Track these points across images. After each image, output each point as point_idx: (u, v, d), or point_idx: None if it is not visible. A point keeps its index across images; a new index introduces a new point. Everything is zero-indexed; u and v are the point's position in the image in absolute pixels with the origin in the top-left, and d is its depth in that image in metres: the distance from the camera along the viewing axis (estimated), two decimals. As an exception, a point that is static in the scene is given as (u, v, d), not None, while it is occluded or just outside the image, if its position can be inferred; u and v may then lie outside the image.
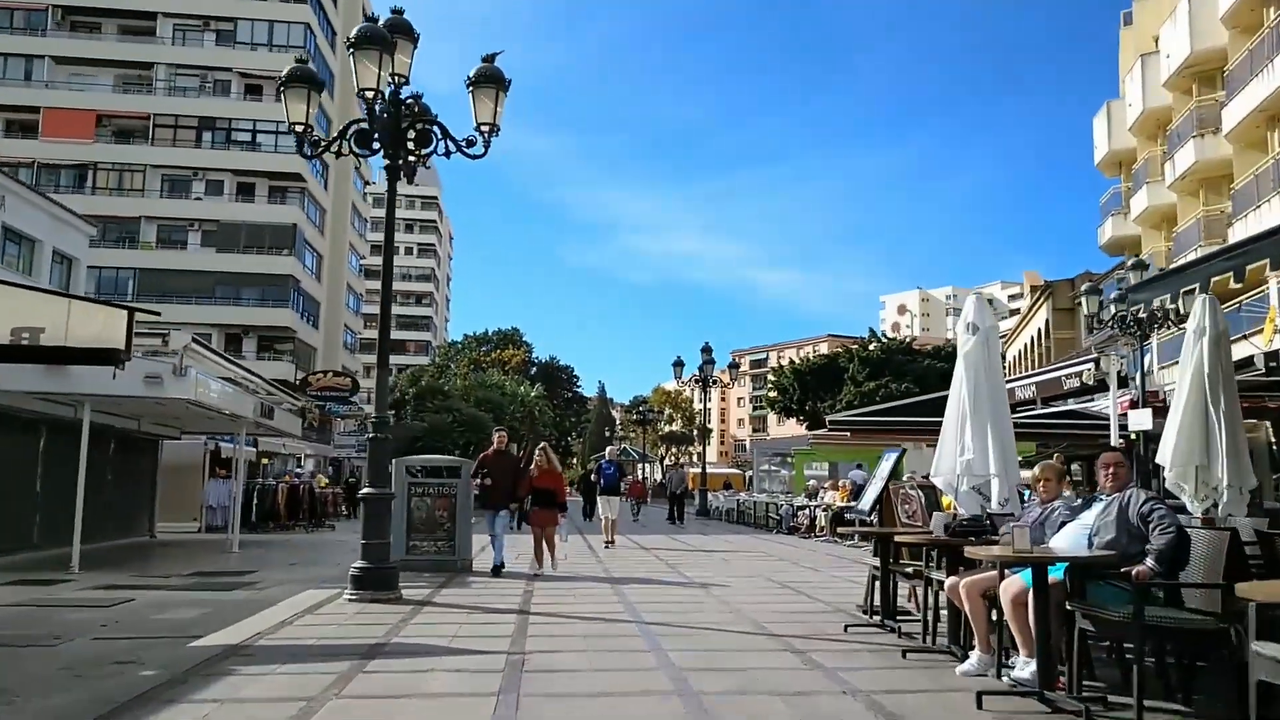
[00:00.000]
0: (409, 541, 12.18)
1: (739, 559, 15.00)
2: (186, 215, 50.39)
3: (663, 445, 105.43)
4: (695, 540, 20.32)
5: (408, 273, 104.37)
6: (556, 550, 12.54)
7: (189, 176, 50.77)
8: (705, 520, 29.18)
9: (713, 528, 25.72)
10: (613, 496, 18.46)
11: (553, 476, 12.46)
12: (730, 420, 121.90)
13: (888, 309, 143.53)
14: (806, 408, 65.02)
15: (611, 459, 19.79)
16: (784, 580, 11.58)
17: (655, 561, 14.56)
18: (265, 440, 25.80)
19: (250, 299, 50.23)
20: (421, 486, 12.23)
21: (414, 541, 12.18)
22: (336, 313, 60.53)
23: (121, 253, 49.37)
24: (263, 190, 51.65)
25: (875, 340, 67.12)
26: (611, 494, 18.43)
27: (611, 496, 18.43)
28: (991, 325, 9.05)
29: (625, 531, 22.75)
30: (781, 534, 22.05)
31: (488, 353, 79.66)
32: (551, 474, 12.42)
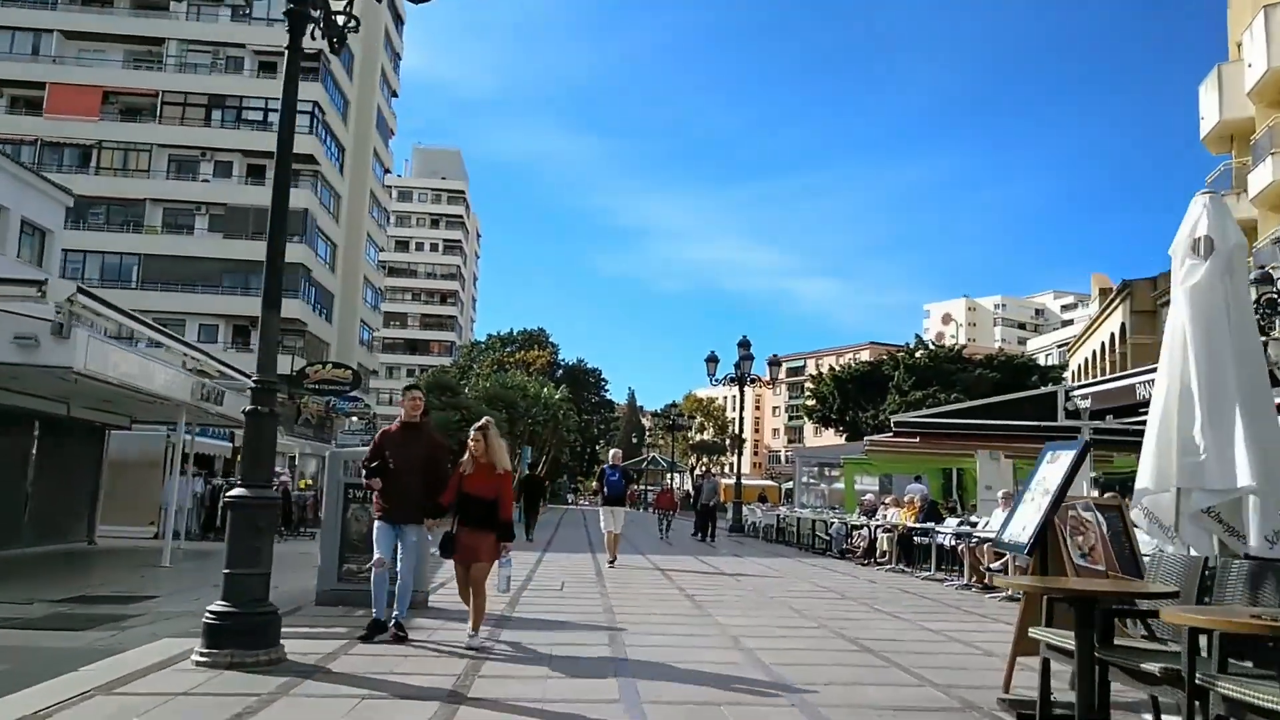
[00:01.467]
0: (344, 565, 8.86)
1: (790, 596, 11.49)
2: (193, 198, 47.72)
3: (692, 454, 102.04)
4: (729, 564, 16.87)
5: (432, 270, 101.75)
6: (498, 596, 8.22)
7: (197, 157, 48.14)
8: (739, 538, 25.65)
9: (748, 547, 22.21)
10: (617, 507, 15.70)
11: (489, 477, 7.43)
12: (764, 430, 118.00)
13: (932, 318, 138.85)
14: (847, 418, 61.70)
15: (616, 465, 16.61)
16: (863, 638, 8.08)
17: (676, 596, 11.11)
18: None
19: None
20: (362, 494, 8.92)
21: (351, 565, 8.85)
22: (352, 306, 57.69)
23: (125, 237, 46.89)
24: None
25: (922, 347, 63.49)
26: (616, 504, 15.69)
27: (616, 507, 15.67)
28: (1237, 245, 5.50)
29: (647, 550, 19.35)
30: (832, 557, 18.52)
31: (512, 353, 76.49)
32: (488, 472, 7.43)
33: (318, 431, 32.71)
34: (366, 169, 58.94)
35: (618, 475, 16.16)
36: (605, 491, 15.90)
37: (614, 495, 15.75)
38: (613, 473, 16.12)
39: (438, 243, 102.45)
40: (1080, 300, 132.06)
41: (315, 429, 31.85)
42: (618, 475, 16.16)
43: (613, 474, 16.08)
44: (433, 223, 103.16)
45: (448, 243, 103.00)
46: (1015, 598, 10.92)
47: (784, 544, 22.81)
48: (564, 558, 16.72)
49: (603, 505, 16.01)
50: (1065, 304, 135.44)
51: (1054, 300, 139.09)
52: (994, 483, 19.36)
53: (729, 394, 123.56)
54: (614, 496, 15.74)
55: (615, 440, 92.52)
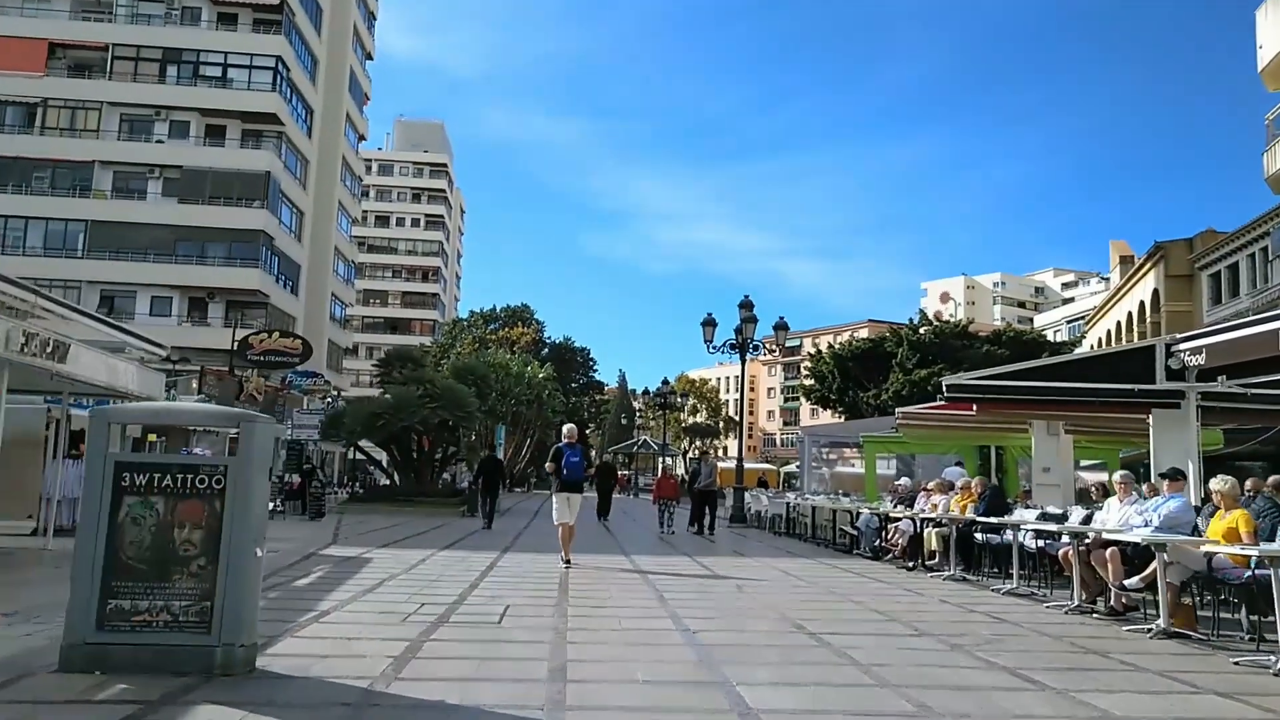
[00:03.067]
0: (108, 602, 5.29)
1: (841, 631, 7.99)
2: (146, 160, 43.86)
3: (685, 437, 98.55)
4: (739, 568, 13.44)
5: (414, 246, 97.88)
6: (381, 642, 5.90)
7: (150, 116, 44.32)
8: (741, 529, 22.18)
9: (755, 542, 18.75)
10: (574, 494, 12.83)
11: None
12: (759, 412, 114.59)
13: (930, 296, 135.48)
14: (846, 398, 58.51)
15: (573, 441, 13.10)
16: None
17: (669, 634, 7.58)
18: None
19: (217, 257, 43.72)
20: (146, 479, 5.39)
21: (120, 602, 5.29)
22: (321, 280, 53.97)
23: (71, 202, 43.13)
24: (235, 133, 45.12)
25: (926, 323, 60.18)
26: (573, 490, 12.83)
27: (573, 494, 12.80)
28: None
29: (635, 549, 15.87)
30: (863, 558, 15.08)
31: (495, 331, 72.83)
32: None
33: (266, 411, 28.95)
34: (338, 134, 55.12)
35: (579, 455, 12.97)
36: (564, 474, 12.67)
37: (573, 479, 12.81)
38: (572, 452, 12.84)
39: (419, 218, 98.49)
40: (1081, 277, 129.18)
41: (264, 409, 28.14)
42: (579, 455, 12.97)
43: (572, 454, 12.82)
44: (414, 197, 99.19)
45: (430, 218, 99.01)
46: (1182, 634, 7.47)
47: (795, 538, 19.35)
48: (528, 560, 13.27)
49: (557, 492, 12.87)
50: (1066, 281, 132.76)
51: (1054, 278, 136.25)
52: (1052, 463, 16.03)
53: (723, 375, 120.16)
54: (573, 481, 12.82)
55: (606, 424, 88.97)
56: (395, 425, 24.52)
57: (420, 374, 26.98)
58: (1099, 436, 18.89)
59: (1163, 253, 36.35)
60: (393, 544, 15.36)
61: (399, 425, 24.53)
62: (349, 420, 25.55)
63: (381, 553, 13.73)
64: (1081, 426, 16.67)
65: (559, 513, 12.81)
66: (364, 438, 25.77)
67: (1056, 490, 15.11)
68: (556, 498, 13.01)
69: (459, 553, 14.18)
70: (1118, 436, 19.28)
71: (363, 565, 11.94)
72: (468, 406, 25.39)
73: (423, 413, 24.58)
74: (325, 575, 10.88)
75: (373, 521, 21.06)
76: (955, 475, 16.79)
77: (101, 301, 42.88)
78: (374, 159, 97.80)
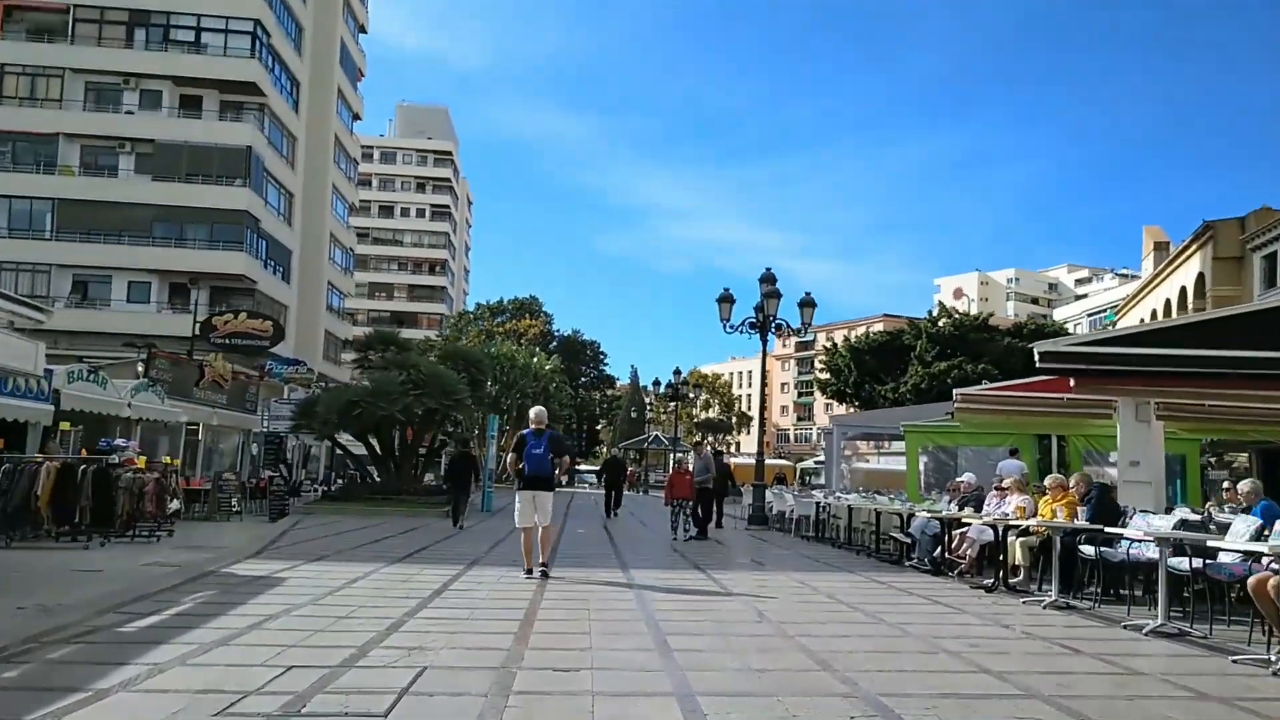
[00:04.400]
0: None
1: (919, 682, 4.94)
2: (116, 133, 40.84)
3: (697, 433, 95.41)
4: (759, 587, 10.37)
5: (419, 238, 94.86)
6: None
7: (119, 85, 41.14)
8: (760, 531, 19.06)
9: (777, 549, 15.62)
10: (541, 493, 10.25)
11: None
12: (772, 407, 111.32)
13: (943, 292, 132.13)
14: (863, 392, 55.73)
15: (540, 427, 10.48)
16: None
17: (661, 714, 4.54)
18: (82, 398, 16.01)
19: (198, 240, 40.70)
20: None
21: None
22: (316, 267, 51.04)
23: (36, 179, 40.11)
24: (212, 104, 42.06)
25: (946, 316, 57.22)
26: (538, 487, 10.25)
27: (540, 493, 10.24)
28: None
29: (638, 560, 12.82)
30: (918, 571, 11.99)
31: (503, 323, 69.81)
32: None
33: (236, 400, 26.04)
34: (329, 111, 52.07)
35: (543, 445, 10.26)
36: (525, 468, 10.14)
37: (537, 475, 10.21)
38: (535, 441, 10.25)
39: (424, 208, 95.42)
40: (1095, 273, 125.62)
41: (231, 396, 25.15)
42: (543, 445, 10.26)
43: (535, 443, 10.24)
44: (419, 186, 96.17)
45: (435, 208, 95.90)
46: None
47: (825, 543, 16.21)
48: (494, 579, 10.25)
49: (520, 489, 10.29)
50: (1080, 277, 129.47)
51: (1068, 274, 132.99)
52: (1141, 456, 12.93)
53: (735, 369, 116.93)
54: (536, 476, 10.21)
55: (618, 420, 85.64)
56: (374, 415, 21.35)
57: (404, 358, 23.80)
58: (1193, 423, 15.82)
59: (1211, 233, 33.22)
60: (335, 555, 12.36)
61: (378, 415, 21.37)
62: (322, 409, 22.25)
63: (308, 570, 10.70)
64: (1178, 411, 13.62)
65: (521, 514, 10.21)
66: (338, 429, 22.55)
67: (1147, 489, 12.04)
68: (519, 496, 10.27)
69: (410, 568, 11.14)
70: (1215, 423, 16.19)
71: (264, 590, 8.91)
72: (457, 394, 22.13)
73: (404, 401, 21.40)
74: (193, 609, 7.86)
75: (339, 523, 18.14)
76: (1014, 470, 13.81)
77: (74, 287, 40.12)
78: (376, 146, 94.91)
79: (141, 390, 17.35)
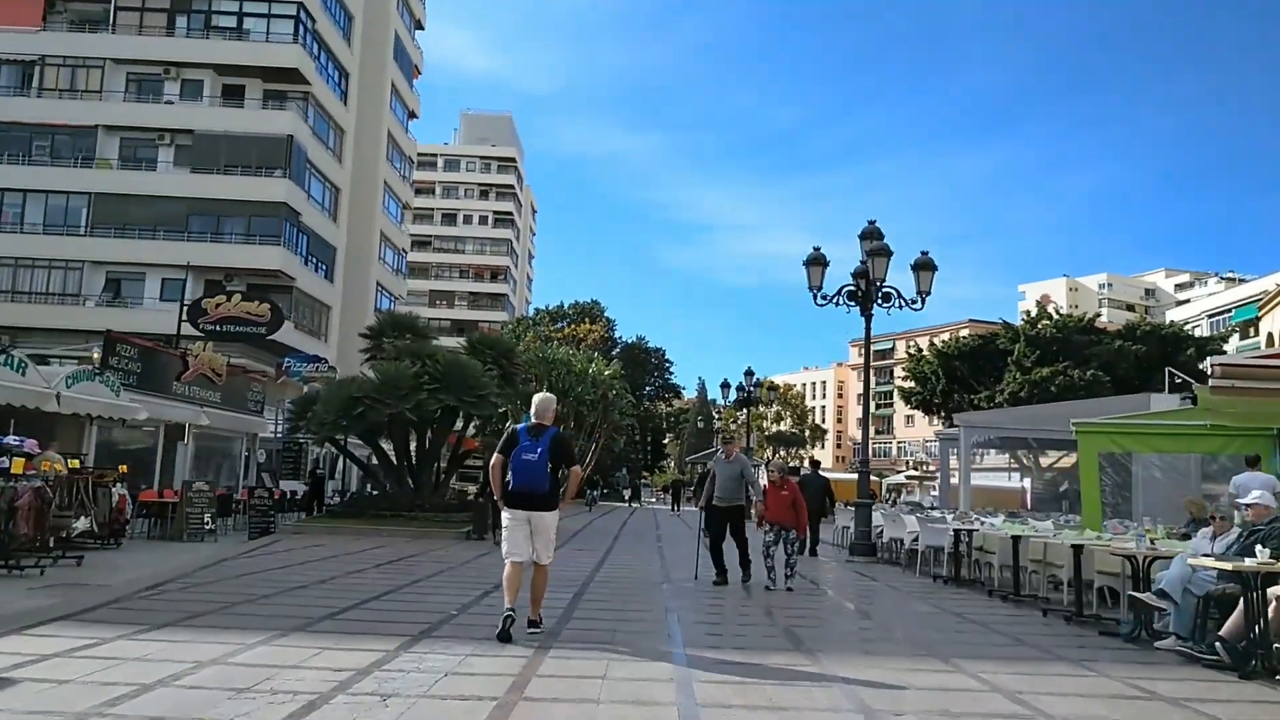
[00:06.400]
0: None
1: None
2: (156, 124, 38.59)
3: (769, 446, 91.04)
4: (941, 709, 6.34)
5: (482, 245, 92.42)
6: None
7: (159, 75, 39.00)
8: (868, 566, 14.92)
9: (909, 602, 11.41)
10: (537, 513, 7.18)
11: None
12: (848, 419, 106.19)
13: (1028, 300, 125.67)
14: (950, 402, 51.13)
15: (542, 422, 7.29)
16: None
17: None
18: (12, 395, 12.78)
19: (234, 233, 38.16)
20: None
21: None
22: (364, 267, 48.31)
23: (73, 173, 38.07)
24: (255, 93, 39.61)
25: (1045, 317, 52.32)
26: (531, 505, 7.16)
27: (534, 513, 7.17)
28: None
29: (697, 634, 8.87)
30: (1185, 657, 7.64)
31: (562, 329, 66.53)
32: None
33: (235, 399, 22.46)
34: (381, 105, 49.48)
35: (541, 447, 7.11)
36: (511, 480, 7.07)
37: (528, 489, 7.11)
38: (531, 442, 7.14)
39: (487, 215, 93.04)
40: (1198, 278, 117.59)
41: (228, 394, 21.62)
42: (541, 447, 7.11)
43: (531, 444, 7.13)
44: (481, 193, 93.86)
45: (498, 215, 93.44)
46: None
47: (971, 588, 12.04)
48: (445, 662, 6.38)
49: (507, 508, 7.20)
50: (1180, 282, 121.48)
51: (1166, 278, 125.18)
52: None
53: (808, 380, 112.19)
54: (528, 493, 7.11)
55: (685, 434, 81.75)
56: (381, 413, 17.68)
57: (420, 346, 20.01)
58: None
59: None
60: (224, 612, 8.18)
61: (386, 413, 17.70)
62: (322, 408, 18.60)
63: (120, 649, 6.43)
64: None
65: (509, 543, 7.20)
66: (340, 431, 18.66)
67: None
68: (507, 518, 7.23)
69: (317, 642, 6.88)
70: None
71: None
72: (482, 389, 18.12)
73: (418, 396, 17.72)
74: None
75: (320, 547, 14.60)
76: (1267, 486, 9.60)
77: (107, 285, 37.88)
78: (439, 154, 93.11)
79: (82, 380, 14.05)
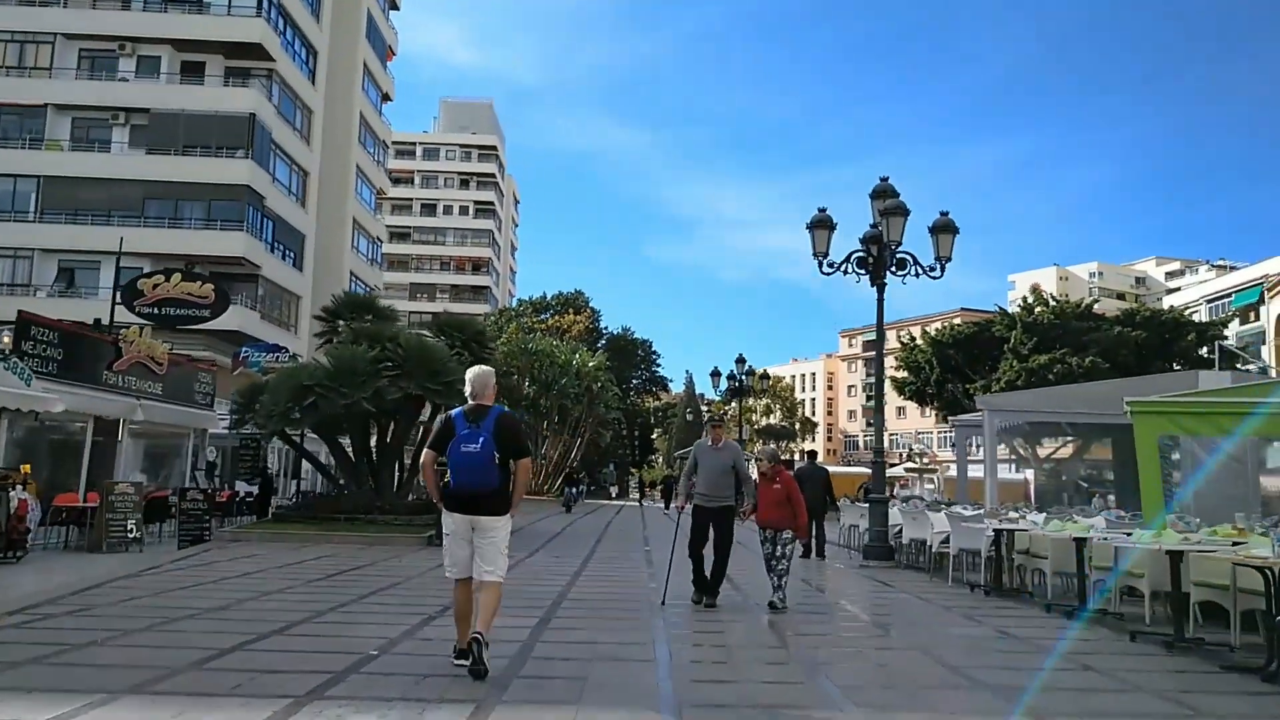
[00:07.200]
0: None
1: None
2: (110, 103, 36.38)
3: (758, 440, 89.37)
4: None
5: (463, 236, 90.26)
6: None
7: (114, 52, 36.81)
8: (886, 572, 12.98)
9: (955, 623, 9.50)
10: (484, 519, 5.34)
11: None
12: (839, 412, 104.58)
13: (1018, 289, 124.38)
14: (944, 392, 49.60)
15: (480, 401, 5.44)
16: None
17: None
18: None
19: (195, 219, 36.03)
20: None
21: None
22: (335, 255, 46.18)
23: (20, 155, 35.85)
24: (216, 70, 37.46)
25: (1042, 303, 50.81)
26: (481, 510, 5.32)
27: (482, 519, 5.34)
28: None
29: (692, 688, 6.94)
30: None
31: (545, 320, 64.53)
32: None
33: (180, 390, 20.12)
34: (353, 86, 47.34)
35: (483, 436, 5.32)
36: (450, 480, 5.27)
37: (475, 487, 5.39)
38: (470, 430, 5.39)
39: (468, 205, 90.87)
40: (1189, 266, 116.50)
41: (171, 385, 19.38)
42: (483, 436, 5.32)
43: (470, 432, 5.36)
44: (462, 183, 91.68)
45: (479, 205, 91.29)
46: None
47: (1010, 596, 10.22)
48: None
49: (446, 511, 5.59)
50: (1170, 270, 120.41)
51: (1157, 267, 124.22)
52: None
53: (798, 372, 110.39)
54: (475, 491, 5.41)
55: (673, 429, 79.76)
56: (335, 403, 15.63)
57: (380, 329, 17.91)
58: None
59: None
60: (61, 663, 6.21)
61: (341, 403, 15.66)
62: (269, 398, 16.58)
63: None
64: None
65: (450, 555, 5.70)
66: (288, 423, 16.54)
67: None
68: (447, 524, 5.66)
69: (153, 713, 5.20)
70: None
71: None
72: (449, 375, 15.92)
73: (377, 383, 15.71)
74: None
75: (257, 557, 12.77)
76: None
77: (59, 274, 35.67)
78: (418, 142, 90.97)
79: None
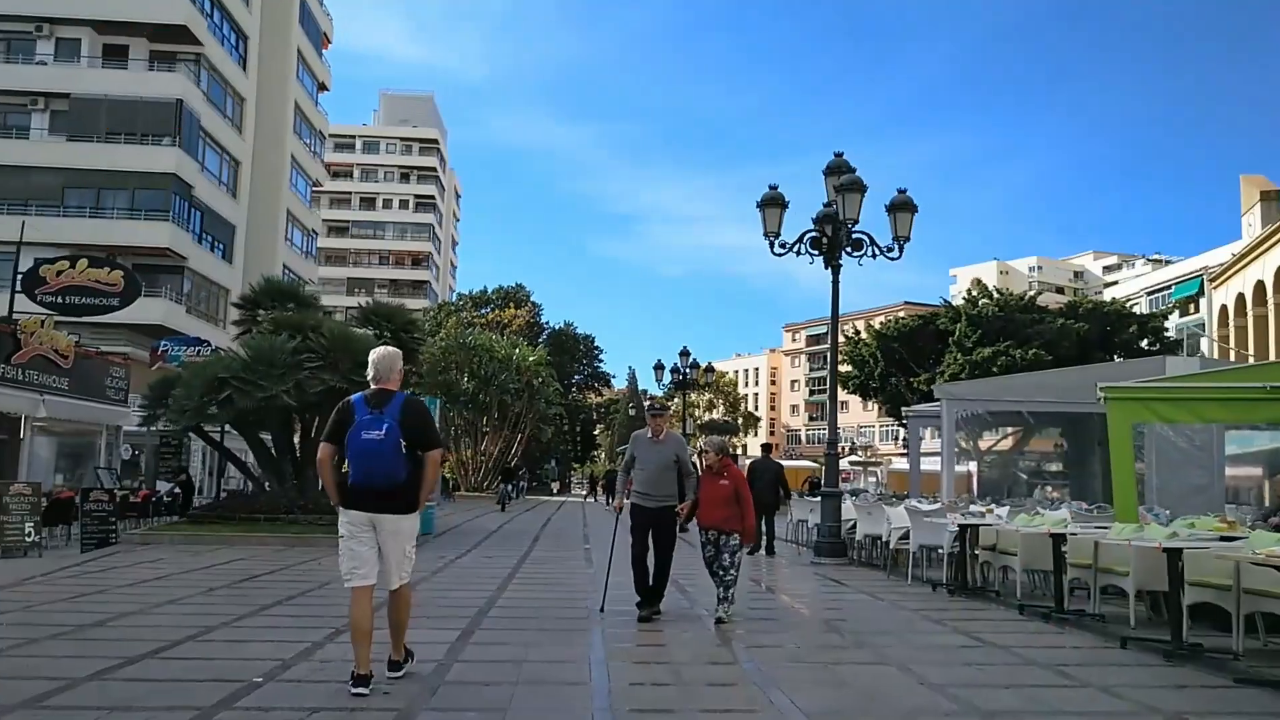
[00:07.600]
0: None
1: None
2: (27, 87, 34.69)
3: (700, 435, 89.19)
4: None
5: (402, 230, 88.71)
6: None
7: (30, 34, 35.09)
8: (840, 570, 12.43)
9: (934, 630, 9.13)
10: (388, 517, 4.74)
11: None
12: (781, 406, 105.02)
13: (959, 284, 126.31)
14: (888, 386, 49.71)
15: (383, 383, 4.90)
16: None
17: None
18: None
19: (118, 209, 34.50)
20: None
21: None
22: (267, 248, 44.68)
23: (-69, 141, 33.96)
24: (140, 53, 35.93)
25: (985, 296, 51.15)
26: (385, 507, 4.72)
27: (386, 517, 4.75)
28: None
29: None
30: None
31: (485, 315, 63.53)
32: None
33: (90, 385, 19.18)
34: (287, 75, 45.88)
35: (386, 423, 4.71)
36: (351, 474, 4.63)
37: (372, 479, 4.74)
38: (373, 416, 4.79)
39: (408, 199, 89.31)
40: (1125, 260, 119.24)
41: (79, 380, 18.34)
42: (386, 423, 4.71)
43: (373, 418, 4.76)
44: (402, 176, 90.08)
45: (420, 199, 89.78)
46: None
47: (985, 598, 9.78)
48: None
49: (344, 508, 4.86)
50: (1108, 264, 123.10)
51: (1094, 260, 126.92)
52: None
53: (741, 367, 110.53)
54: (371, 485, 4.76)
55: (615, 425, 79.08)
56: (253, 396, 14.73)
57: (301, 318, 17.00)
58: None
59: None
60: None
61: (259, 397, 14.77)
62: (182, 391, 15.56)
63: None
64: None
65: (348, 560, 5.04)
66: (202, 418, 15.58)
67: None
68: (346, 524, 5.02)
69: None
70: None
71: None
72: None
73: (298, 375, 14.90)
74: None
75: (162, 561, 11.99)
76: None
77: (-29, 267, 33.89)
78: (358, 135, 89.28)
79: None
